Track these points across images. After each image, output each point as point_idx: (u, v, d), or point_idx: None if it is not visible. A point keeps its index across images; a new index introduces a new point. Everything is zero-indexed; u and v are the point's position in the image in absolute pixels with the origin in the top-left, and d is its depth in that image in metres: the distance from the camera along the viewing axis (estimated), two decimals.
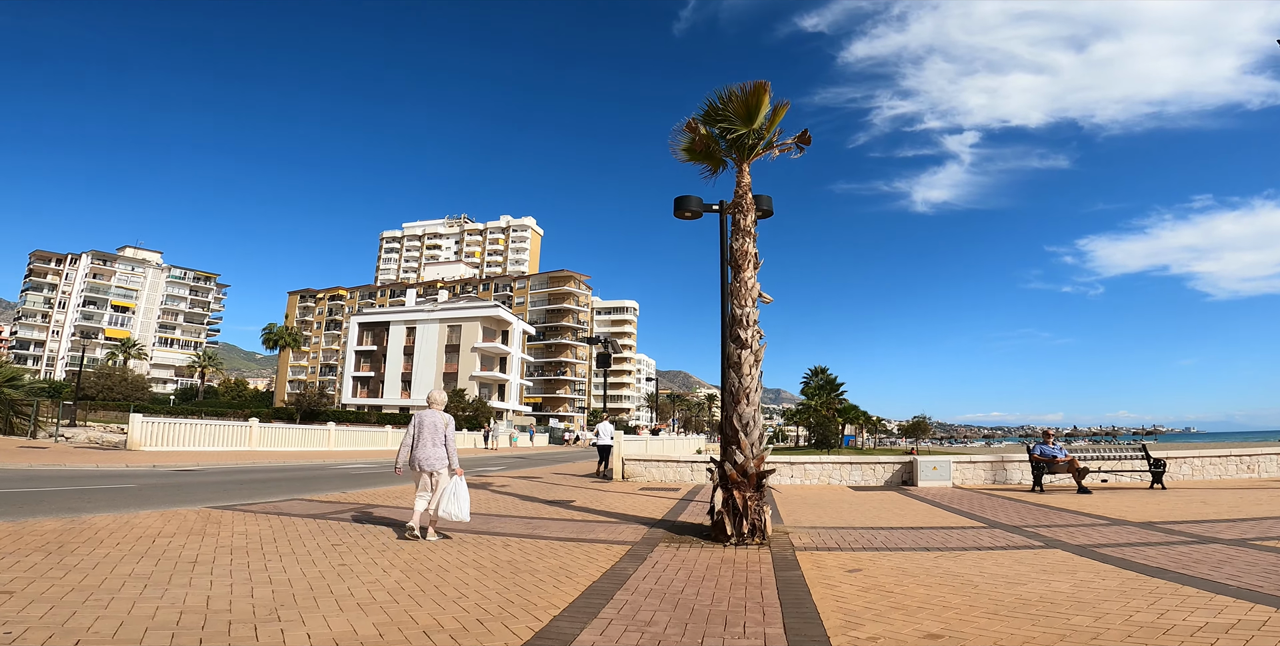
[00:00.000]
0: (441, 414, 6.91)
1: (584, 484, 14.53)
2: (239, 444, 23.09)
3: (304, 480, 14.16)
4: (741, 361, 7.55)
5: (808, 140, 8.58)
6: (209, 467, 16.47)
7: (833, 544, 7.05)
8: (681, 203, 11.42)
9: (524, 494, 11.95)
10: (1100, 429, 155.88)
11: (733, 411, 7.43)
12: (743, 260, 8.02)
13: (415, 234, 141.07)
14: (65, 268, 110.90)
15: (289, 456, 21.88)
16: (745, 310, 7.77)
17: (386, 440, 32.43)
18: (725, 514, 7.05)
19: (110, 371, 75.63)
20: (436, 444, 6.72)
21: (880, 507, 10.27)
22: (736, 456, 7.23)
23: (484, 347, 69.12)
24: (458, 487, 6.68)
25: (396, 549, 6.20)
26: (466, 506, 6.67)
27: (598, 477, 15.94)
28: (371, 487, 12.72)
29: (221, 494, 10.67)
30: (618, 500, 11.15)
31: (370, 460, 23.32)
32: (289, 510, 8.65)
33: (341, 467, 18.97)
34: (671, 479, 14.64)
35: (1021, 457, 14.62)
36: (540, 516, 8.91)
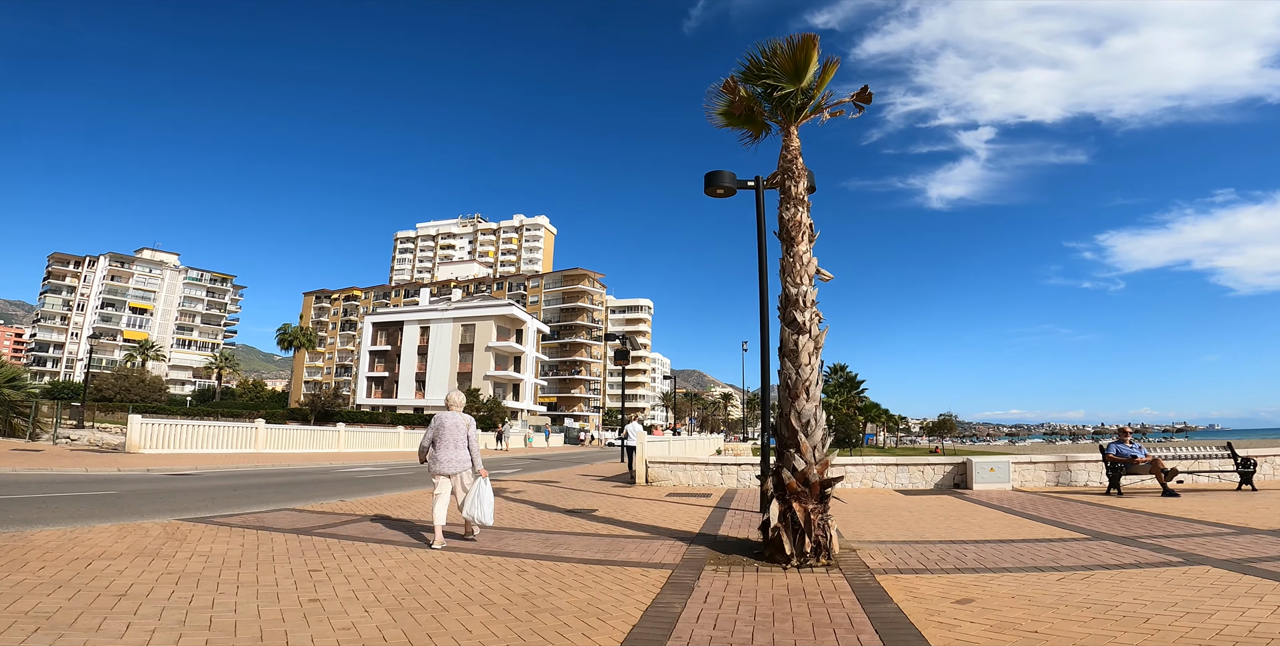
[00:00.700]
0: (462, 415, 6.71)
1: (605, 488, 13.35)
2: (244, 446, 22.18)
3: (304, 485, 13.10)
4: (799, 348, 6.32)
5: (868, 98, 7.35)
6: (206, 471, 15.49)
7: (915, 564, 5.81)
8: (713, 178, 10.23)
9: (541, 502, 10.79)
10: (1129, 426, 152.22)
11: (789, 408, 6.21)
12: (795, 232, 6.81)
13: (429, 234, 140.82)
14: (84, 270, 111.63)
15: (295, 459, 20.92)
16: (801, 289, 6.55)
17: (398, 441, 31.48)
18: (783, 529, 5.84)
19: (128, 373, 75.75)
20: (458, 446, 6.53)
21: (945, 515, 8.99)
22: (795, 461, 6.01)
23: (498, 347, 68.24)
24: (482, 490, 6.50)
25: (387, 577, 5.05)
26: (490, 509, 6.51)
27: (622, 482, 14.76)
28: (375, 494, 11.63)
29: (206, 502, 9.61)
30: (645, 508, 9.96)
31: (380, 462, 22.31)
32: (272, 523, 7.54)
33: (348, 471, 17.94)
34: (700, 483, 13.44)
35: (1088, 457, 13.27)
36: (560, 530, 7.73)
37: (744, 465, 13.45)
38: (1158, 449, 12.64)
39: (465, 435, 6.61)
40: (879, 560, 5.98)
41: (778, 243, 7.09)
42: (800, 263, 6.69)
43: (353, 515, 8.50)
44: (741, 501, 10.86)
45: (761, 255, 10.04)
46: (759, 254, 10.05)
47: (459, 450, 6.56)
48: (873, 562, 5.87)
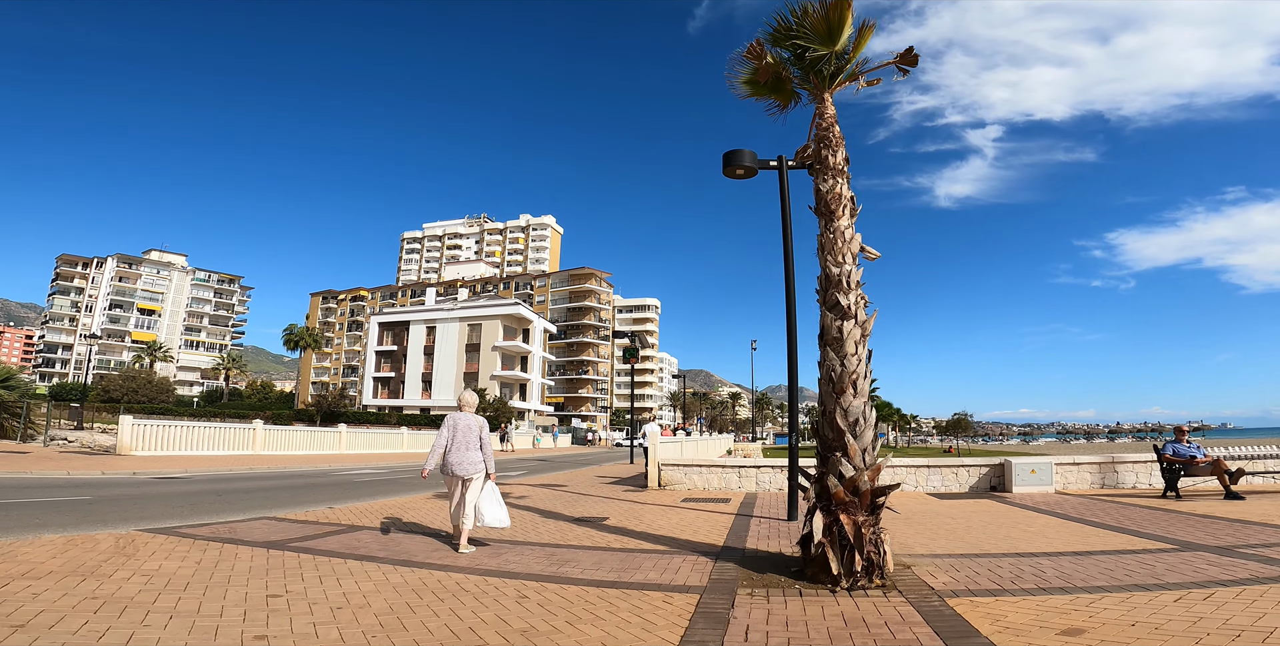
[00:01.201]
0: (475, 416, 6.59)
1: (615, 493, 12.49)
2: (242, 447, 21.43)
3: (295, 489, 12.30)
4: (844, 336, 5.43)
5: (913, 60, 6.47)
6: (196, 474, 14.72)
7: (988, 583, 4.91)
8: (732, 157, 9.38)
9: (546, 508, 9.93)
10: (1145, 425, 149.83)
11: (833, 406, 5.31)
12: (835, 205, 5.93)
13: (435, 234, 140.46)
14: (91, 271, 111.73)
15: (293, 461, 20.16)
16: (844, 268, 5.67)
17: (402, 443, 30.71)
18: (828, 545, 4.96)
19: (135, 374, 75.55)
20: (471, 448, 6.39)
21: (994, 522, 8.07)
22: (843, 467, 5.12)
23: (505, 346, 67.51)
24: (495, 492, 6.46)
25: (360, 605, 4.21)
26: (505, 511, 6.47)
27: (633, 485, 13.89)
28: (368, 500, 10.81)
29: (183, 508, 8.81)
30: (660, 516, 9.08)
31: (382, 465, 21.52)
32: (245, 534, 6.71)
33: (346, 474, 17.15)
34: (716, 486, 12.56)
35: (1136, 458, 12.32)
36: (567, 543, 6.86)
37: (763, 467, 12.56)
38: (1216, 449, 11.68)
39: (478, 436, 6.46)
40: (942, 579, 5.09)
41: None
42: (842, 239, 5.82)
43: (337, 525, 7.66)
44: (764, 507, 9.97)
45: (786, 238, 9.19)
46: (784, 237, 9.21)
47: (471, 452, 6.38)
48: (936, 582, 4.98)
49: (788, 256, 9.08)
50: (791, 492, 8.51)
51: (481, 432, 6.50)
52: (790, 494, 8.53)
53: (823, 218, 6.01)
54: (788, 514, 8.54)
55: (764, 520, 8.51)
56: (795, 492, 8.53)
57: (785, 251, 9.12)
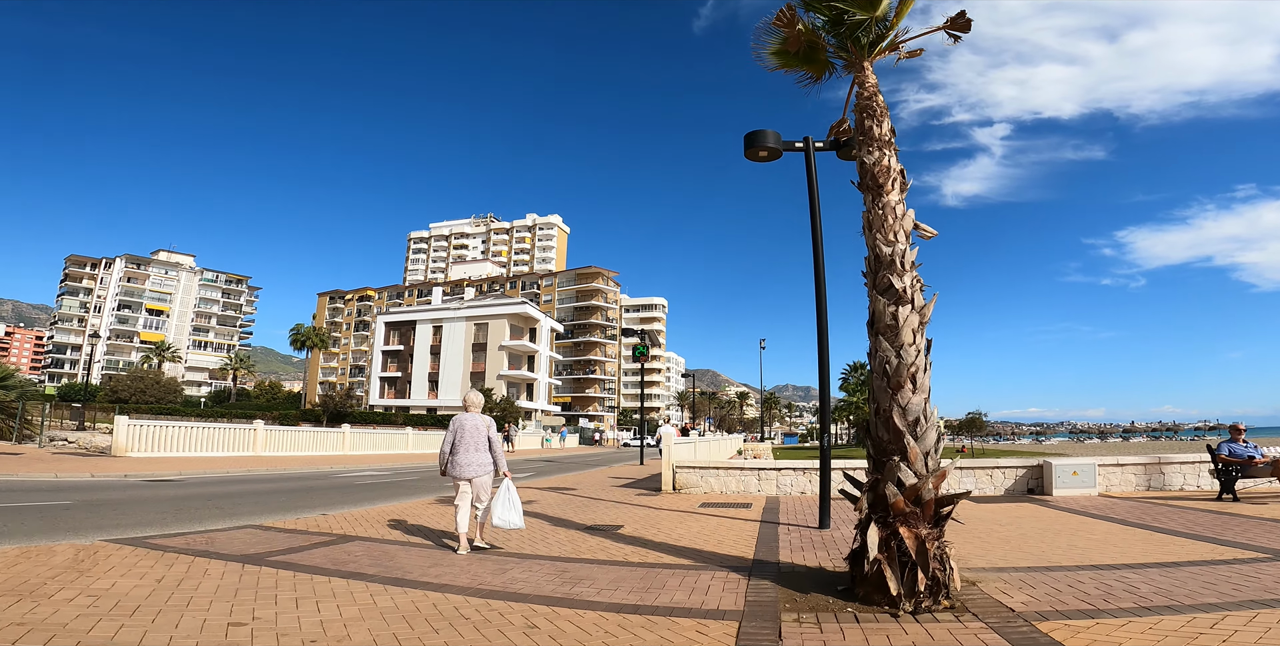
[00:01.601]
0: (481, 416, 6.45)
1: (628, 497, 11.81)
2: (242, 448, 20.87)
3: (290, 493, 11.68)
4: (899, 324, 4.73)
5: (965, 25, 5.81)
6: (190, 477, 14.14)
7: (1077, 603, 4.20)
8: (755, 139, 8.69)
9: (554, 515, 9.25)
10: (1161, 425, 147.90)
11: (889, 403, 4.60)
12: (884, 178, 5.25)
13: (442, 234, 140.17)
14: (100, 272, 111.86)
15: (294, 462, 19.57)
16: (897, 248, 4.98)
17: (407, 443, 30.12)
18: (886, 562, 4.26)
19: (143, 374, 75.47)
20: (479, 449, 6.26)
21: (1049, 529, 7.34)
22: (903, 473, 4.41)
23: (511, 346, 66.94)
24: (510, 493, 6.22)
25: (338, 636, 3.54)
26: (520, 512, 6.24)
27: (646, 489, 13.21)
28: (366, 505, 10.16)
29: (165, 515, 8.18)
30: (679, 523, 8.39)
31: (385, 466, 20.92)
32: (223, 545, 6.06)
33: (348, 475, 16.54)
34: (734, 490, 11.85)
35: (1184, 458, 11.56)
36: (579, 555, 6.17)
37: (784, 470, 11.85)
38: (1273, 448, 10.89)
39: (486, 437, 6.33)
40: (1019, 597, 4.38)
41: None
42: (893, 215, 5.13)
43: (328, 534, 7.01)
44: (790, 513, 9.25)
45: (815, 223, 8.50)
46: (812, 222, 8.52)
47: (479, 453, 6.26)
48: (1013, 601, 4.27)
49: (816, 243, 8.39)
50: (824, 498, 7.81)
51: (489, 432, 6.34)
52: (822, 500, 7.83)
53: (869, 192, 5.33)
54: (819, 521, 7.84)
55: (793, 528, 7.80)
56: (828, 498, 7.82)
57: (814, 237, 8.42)
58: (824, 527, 7.72)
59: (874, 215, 5.20)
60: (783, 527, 7.88)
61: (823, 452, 7.79)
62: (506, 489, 6.24)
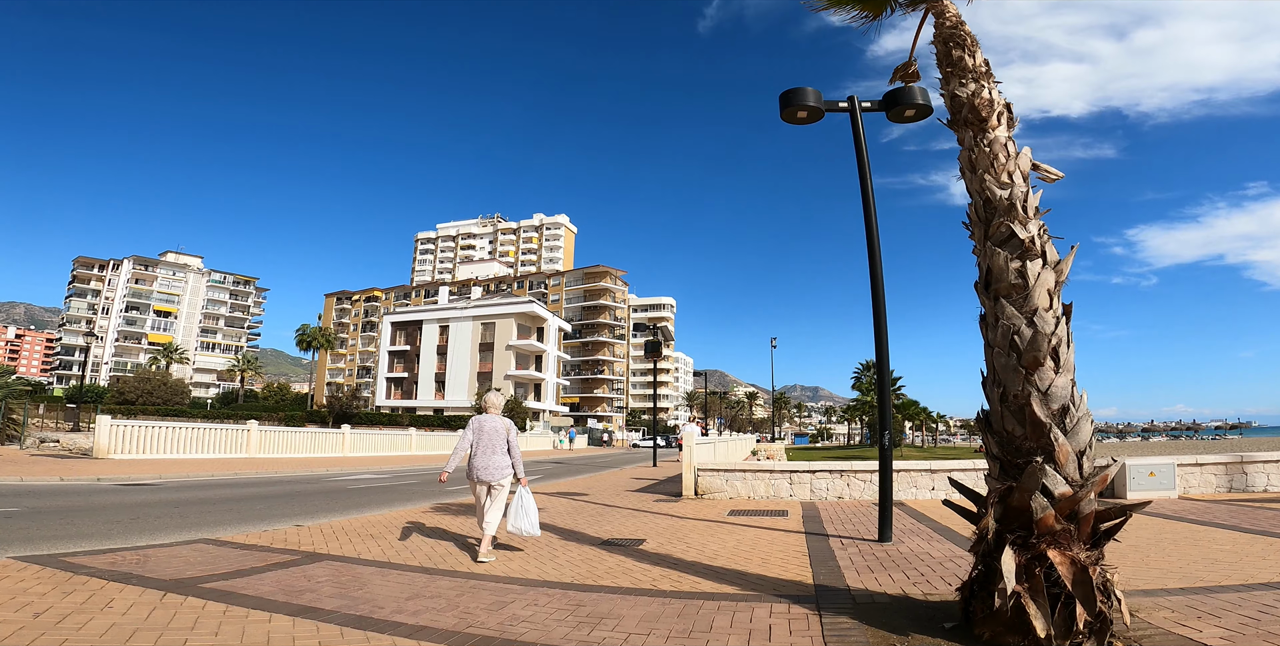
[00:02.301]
0: (501, 418, 6.23)
1: (646, 503, 10.62)
2: (235, 450, 19.80)
3: (272, 499, 10.56)
4: (1029, 283, 3.54)
5: None
6: (170, 481, 13.06)
7: None
8: (793, 97, 7.52)
9: (565, 525, 8.07)
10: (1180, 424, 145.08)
11: (1023, 386, 3.40)
12: (987, 112, 4.14)
13: (449, 234, 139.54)
14: (108, 273, 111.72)
15: (289, 465, 18.50)
16: (1015, 190, 3.83)
17: (410, 445, 29.03)
18: (1027, 595, 3.07)
19: (150, 376, 74.89)
20: (498, 451, 6.04)
21: (1165, 539, 6.09)
22: (1050, 479, 3.21)
23: (519, 345, 65.89)
24: (525, 499, 6.02)
25: None
26: (536, 519, 6.01)
27: (665, 494, 12.02)
28: (352, 513, 9.02)
29: (113, 525, 7.06)
30: (709, 536, 7.19)
31: (386, 469, 19.82)
32: (154, 567, 4.91)
33: (343, 479, 15.43)
34: (763, 494, 10.65)
35: (1268, 457, 10.30)
36: (596, 582, 4.99)
37: (819, 472, 10.64)
38: None
39: (505, 439, 6.10)
40: (1211, 633, 3.17)
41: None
42: (1004, 152, 3.99)
43: (293, 552, 5.85)
44: (835, 523, 8.04)
45: (866, 189, 7.33)
46: (862, 189, 7.35)
47: (498, 456, 6.02)
48: (1209, 639, 3.06)
49: (869, 214, 7.20)
50: (884, 507, 6.59)
51: (509, 435, 6.12)
52: (882, 508, 6.61)
53: (969, 129, 4.17)
54: (879, 533, 6.63)
55: (848, 542, 6.59)
56: (889, 507, 6.61)
57: (865, 209, 7.23)
58: (884, 540, 6.51)
59: (978, 154, 4.03)
60: (834, 541, 6.68)
61: (883, 453, 6.59)
62: (521, 495, 6.00)
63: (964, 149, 4.20)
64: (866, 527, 7.49)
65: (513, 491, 6.16)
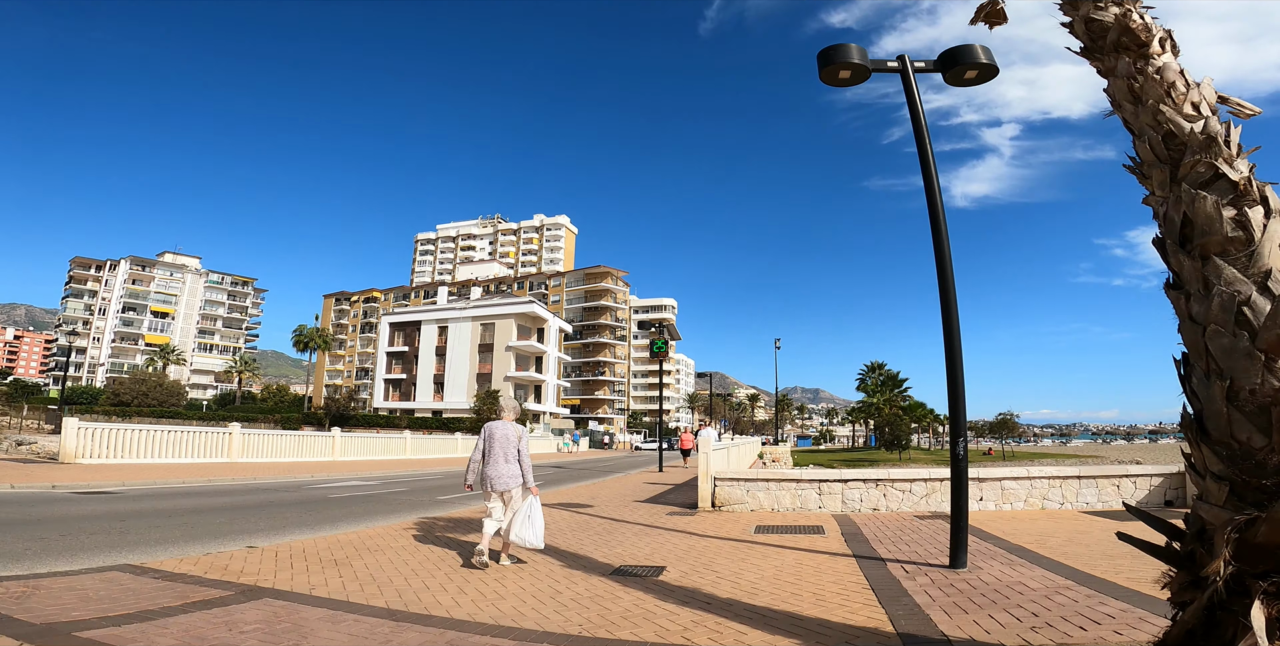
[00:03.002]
0: (513, 425, 5.96)
1: (658, 517, 9.46)
2: (214, 454, 18.64)
3: (236, 511, 9.40)
4: (1256, 236, 2.44)
5: None
6: (132, 489, 11.91)
7: None
8: (835, 54, 6.44)
9: (568, 547, 6.91)
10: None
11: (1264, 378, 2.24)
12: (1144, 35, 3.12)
13: (449, 235, 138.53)
14: (105, 274, 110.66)
15: (272, 470, 17.35)
16: (1210, 123, 2.74)
17: (405, 448, 27.87)
18: None
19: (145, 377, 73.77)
20: (509, 459, 5.80)
21: None
22: None
23: (519, 346, 64.72)
24: (532, 509, 5.74)
25: None
26: (541, 531, 5.69)
27: (678, 505, 10.85)
28: (325, 530, 7.86)
29: (31, 544, 5.90)
30: (741, 561, 6.03)
31: (376, 474, 18.67)
32: (33, 605, 3.75)
33: (326, 486, 14.28)
34: (789, 506, 9.49)
35: None
36: (612, 633, 3.82)
37: (851, 481, 9.48)
38: None
39: (516, 447, 5.87)
40: None
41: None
42: (1182, 80, 2.93)
43: (228, 585, 4.69)
44: (884, 542, 6.88)
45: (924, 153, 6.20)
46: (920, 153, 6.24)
47: (509, 464, 5.82)
48: None
49: (930, 181, 6.07)
50: (958, 525, 5.42)
51: (520, 443, 5.90)
52: (955, 528, 5.44)
53: (1124, 55, 3.08)
54: (951, 557, 5.47)
55: (912, 569, 5.42)
56: (963, 525, 5.44)
57: (926, 176, 6.10)
58: (958, 566, 5.35)
59: (1145, 82, 2.95)
60: (894, 567, 5.51)
61: (956, 463, 5.42)
62: (529, 504, 5.76)
63: (1117, 79, 3.14)
64: (925, 548, 6.34)
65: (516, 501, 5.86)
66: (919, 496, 9.40)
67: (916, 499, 9.39)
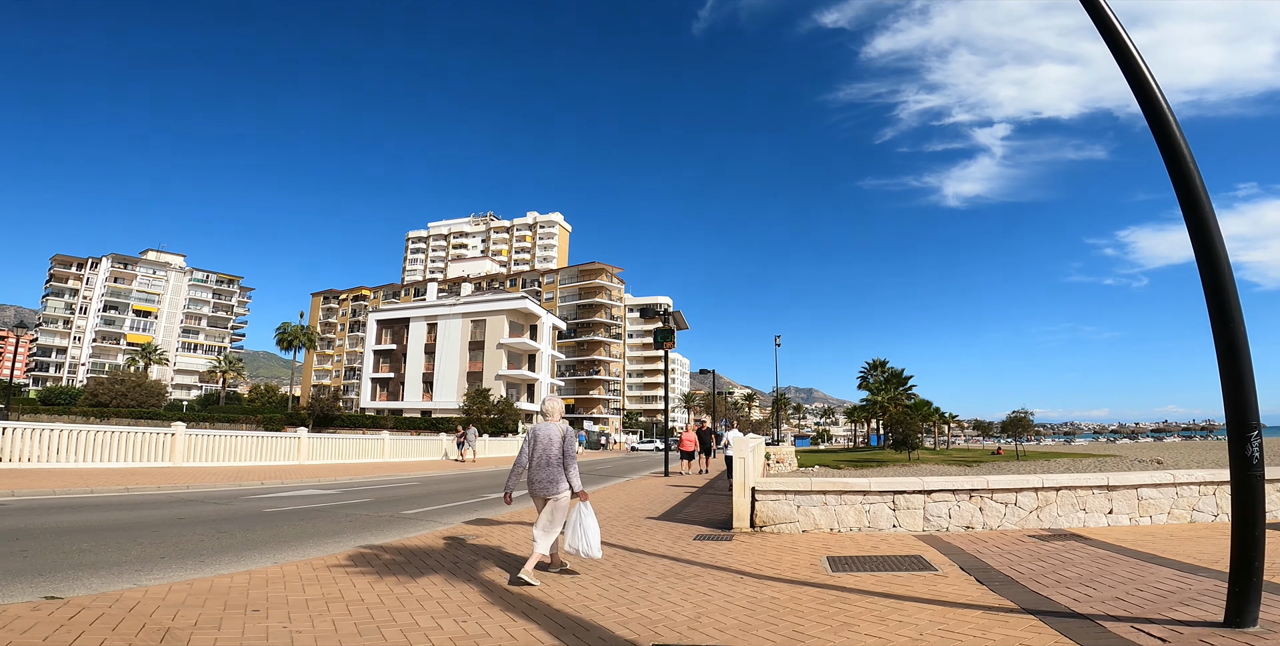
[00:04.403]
0: (557, 425, 5.56)
1: (685, 545, 7.15)
2: (156, 458, 16.18)
3: (128, 531, 7.03)
4: None
5: None
6: (22, 500, 9.55)
7: None
8: None
9: (564, 604, 4.58)
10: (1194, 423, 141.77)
11: None
12: None
13: (441, 233, 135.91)
14: (86, 272, 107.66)
15: (221, 475, 14.97)
16: None
17: (383, 451, 25.32)
18: None
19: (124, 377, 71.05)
20: (553, 463, 5.36)
21: None
22: None
23: (510, 344, 62.29)
24: (583, 517, 5.32)
25: None
26: (596, 539, 5.26)
27: (708, 525, 8.54)
28: (218, 565, 5.51)
29: None
30: (843, 626, 3.74)
31: (344, 480, 16.31)
32: None
33: (273, 496, 11.93)
34: (853, 525, 7.21)
35: None
36: None
37: (935, 492, 7.21)
38: None
39: (560, 449, 5.35)
40: None
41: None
42: None
43: None
44: (1041, 582, 4.58)
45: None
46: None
47: (553, 468, 5.33)
48: None
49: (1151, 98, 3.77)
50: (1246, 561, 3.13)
51: (565, 444, 5.38)
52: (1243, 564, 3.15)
53: None
54: (1230, 611, 3.18)
55: (1161, 633, 3.15)
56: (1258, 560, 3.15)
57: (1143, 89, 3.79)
58: (1243, 625, 3.08)
59: None
60: (1121, 630, 3.22)
61: (1246, 469, 3.13)
62: (580, 511, 5.27)
63: None
64: (1128, 591, 4.06)
65: None
66: (1027, 510, 7.16)
67: (1024, 514, 7.15)
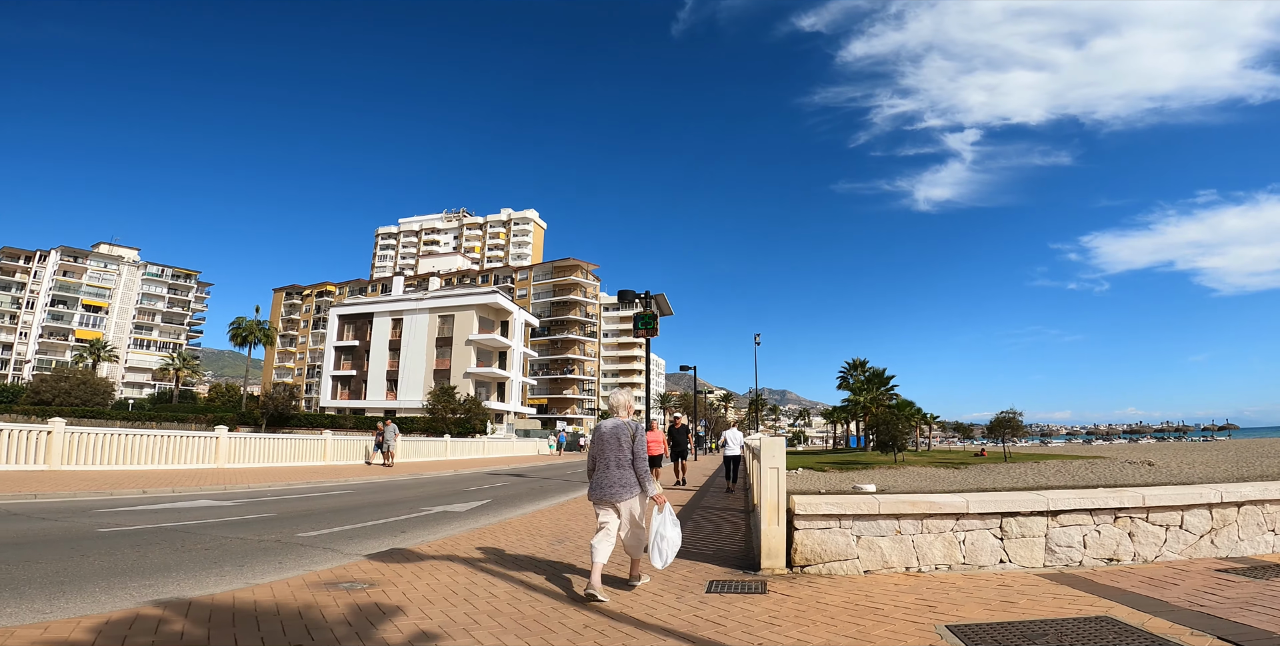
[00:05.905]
0: (626, 422, 4.89)
1: (694, 605, 4.65)
2: (25, 461, 13.22)
3: None
4: None
5: None
6: None
7: None
8: None
9: None
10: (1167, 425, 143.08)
11: None
12: None
13: (412, 229, 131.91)
14: (34, 265, 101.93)
15: (102, 480, 12.11)
16: None
17: (323, 452, 22.25)
18: None
19: (69, 374, 66.55)
20: (621, 464, 4.72)
21: None
22: None
23: (480, 340, 59.30)
24: (665, 526, 4.61)
25: None
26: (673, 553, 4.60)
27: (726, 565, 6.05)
28: None
29: None
30: None
31: (256, 488, 13.51)
32: None
33: (139, 509, 9.17)
34: (941, 561, 4.87)
35: None
36: None
37: (1061, 514, 4.87)
38: None
39: (629, 449, 4.71)
40: None
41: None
42: None
43: None
44: None
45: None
46: None
47: (622, 470, 4.68)
48: None
49: None
50: None
51: (634, 443, 4.73)
52: None
53: None
54: None
55: None
56: None
57: None
58: None
59: None
60: None
61: None
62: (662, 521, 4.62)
63: None
64: None
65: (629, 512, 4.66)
66: (1197, 534, 4.86)
67: (1193, 539, 4.87)
